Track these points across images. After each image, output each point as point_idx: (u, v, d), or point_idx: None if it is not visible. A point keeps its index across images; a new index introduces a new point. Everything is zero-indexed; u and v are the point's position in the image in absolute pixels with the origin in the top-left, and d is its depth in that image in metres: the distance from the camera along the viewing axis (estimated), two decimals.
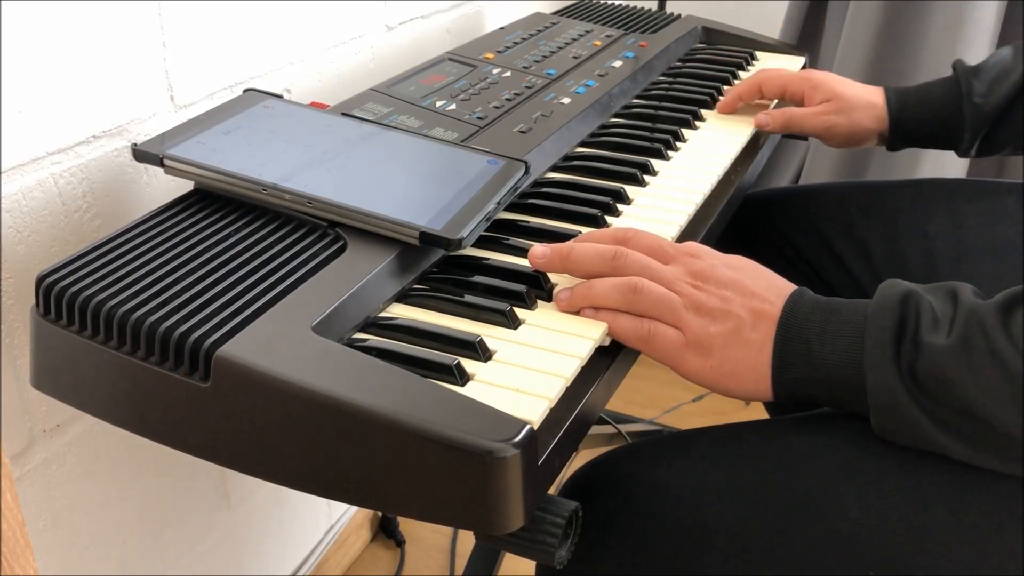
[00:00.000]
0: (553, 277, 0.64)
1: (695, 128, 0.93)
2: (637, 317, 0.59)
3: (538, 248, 0.63)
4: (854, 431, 0.62)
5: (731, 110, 0.97)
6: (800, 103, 0.96)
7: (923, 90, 0.92)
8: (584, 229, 0.70)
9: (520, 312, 0.59)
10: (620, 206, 0.75)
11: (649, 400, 1.69)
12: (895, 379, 0.54)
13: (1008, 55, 0.90)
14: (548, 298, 0.62)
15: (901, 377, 0.54)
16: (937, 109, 0.91)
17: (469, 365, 0.54)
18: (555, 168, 0.82)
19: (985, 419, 0.52)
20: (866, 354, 0.55)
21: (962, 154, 0.93)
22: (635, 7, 1.26)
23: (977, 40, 1.45)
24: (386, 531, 1.39)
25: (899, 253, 0.90)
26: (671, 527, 0.60)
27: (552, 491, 0.53)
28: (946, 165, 1.57)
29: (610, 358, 0.58)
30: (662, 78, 1.07)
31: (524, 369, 0.54)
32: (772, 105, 0.99)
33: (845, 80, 0.95)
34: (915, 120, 0.92)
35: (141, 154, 0.66)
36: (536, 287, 0.62)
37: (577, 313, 0.60)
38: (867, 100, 0.92)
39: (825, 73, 0.95)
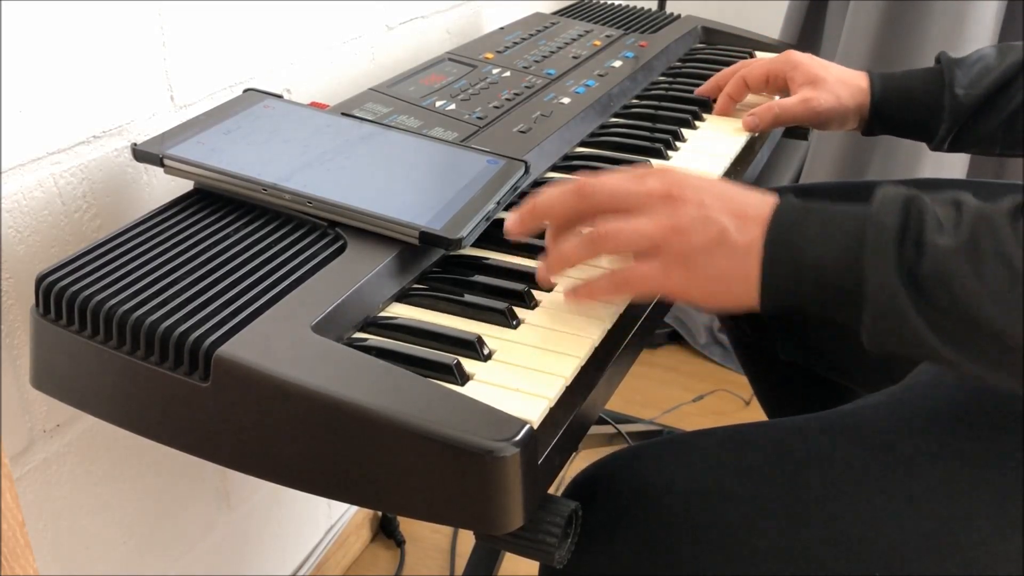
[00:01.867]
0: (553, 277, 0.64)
1: (695, 128, 0.93)
2: (608, 274, 0.57)
3: (508, 218, 0.61)
4: (856, 433, 0.63)
5: (728, 111, 0.97)
6: (784, 87, 0.95)
7: (906, 76, 0.92)
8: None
9: (520, 312, 0.59)
10: None
11: (649, 400, 1.69)
12: (896, 280, 0.50)
13: (991, 53, 0.90)
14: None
15: (902, 278, 0.50)
16: (918, 96, 0.90)
17: (469, 365, 0.54)
18: (555, 168, 0.82)
19: (987, 324, 0.49)
20: (866, 255, 0.51)
21: (934, 147, 0.92)
22: (635, 7, 1.26)
23: (977, 40, 1.45)
24: (386, 531, 1.39)
25: None
26: (673, 529, 0.60)
27: (553, 492, 0.53)
28: (945, 166, 1.57)
29: (610, 358, 0.58)
30: (662, 78, 1.07)
31: (524, 369, 0.54)
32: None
33: (827, 63, 0.94)
34: (896, 105, 0.91)
35: (141, 154, 0.66)
36: (537, 286, 0.62)
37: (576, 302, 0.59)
38: (851, 81, 0.91)
39: (805, 55, 0.94)
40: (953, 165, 1.58)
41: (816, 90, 0.90)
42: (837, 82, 0.91)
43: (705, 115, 0.96)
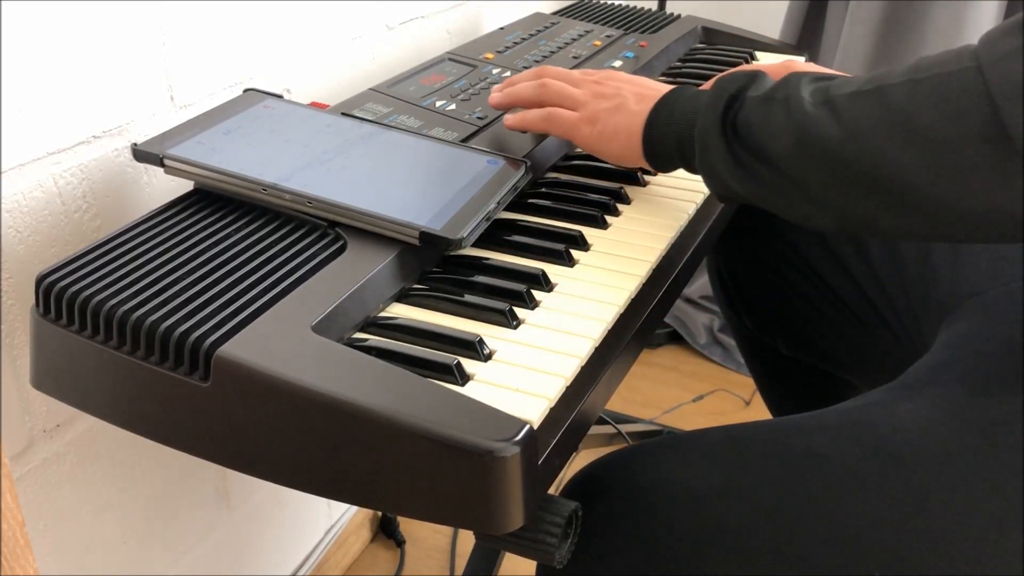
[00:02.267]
0: (554, 279, 0.64)
1: None
2: (541, 111, 0.75)
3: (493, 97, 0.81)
4: (855, 432, 0.63)
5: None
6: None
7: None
8: (584, 228, 0.70)
9: (520, 311, 0.59)
10: (620, 205, 0.75)
11: (649, 400, 1.69)
12: (715, 124, 0.64)
13: None
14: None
15: (722, 124, 0.63)
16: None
17: (469, 365, 0.54)
18: (555, 168, 0.82)
19: (771, 157, 0.60)
20: (701, 107, 0.66)
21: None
22: (635, 7, 1.26)
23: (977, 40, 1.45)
24: (386, 531, 1.39)
25: (897, 253, 0.90)
26: (674, 529, 0.60)
27: (553, 492, 0.53)
28: None
29: (610, 358, 0.58)
30: (662, 78, 1.07)
31: (524, 369, 0.54)
32: None
33: (827, 72, 0.94)
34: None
35: (141, 154, 0.66)
36: (537, 286, 0.62)
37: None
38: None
39: (806, 65, 0.94)
40: None
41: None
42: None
43: None
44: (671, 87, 0.72)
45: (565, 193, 0.76)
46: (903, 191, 0.56)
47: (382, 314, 0.59)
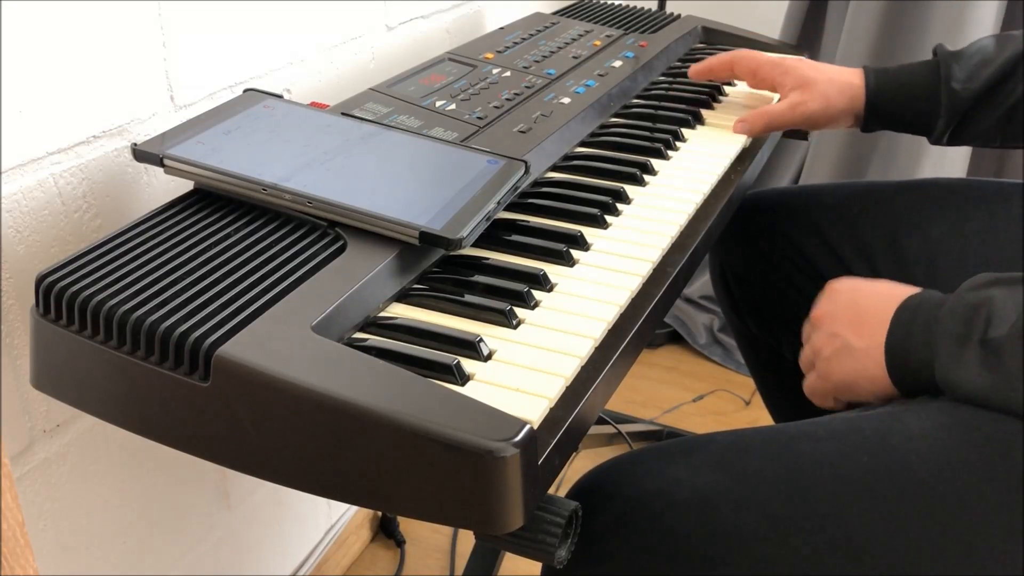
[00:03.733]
0: (554, 278, 0.64)
1: (695, 128, 0.93)
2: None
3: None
4: (860, 438, 0.62)
5: (702, 78, 0.99)
6: (772, 89, 0.95)
7: (902, 71, 0.91)
8: (584, 229, 0.70)
9: (520, 311, 0.59)
10: (620, 205, 0.75)
11: (649, 400, 1.69)
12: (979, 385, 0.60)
13: (990, 44, 0.89)
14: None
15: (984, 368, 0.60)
16: (915, 91, 0.90)
17: (469, 365, 0.54)
18: (555, 168, 0.82)
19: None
20: (937, 358, 0.62)
21: (934, 141, 0.92)
22: (635, 7, 1.26)
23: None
24: (386, 531, 1.39)
25: (901, 254, 0.90)
26: (680, 535, 0.60)
27: (552, 491, 0.53)
28: (946, 166, 1.57)
29: (610, 358, 0.58)
30: (662, 78, 1.07)
31: (524, 369, 0.54)
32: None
33: (818, 64, 0.93)
34: (892, 101, 0.91)
35: (141, 154, 0.66)
36: (537, 286, 0.62)
37: None
38: (843, 80, 0.91)
39: (798, 59, 0.94)
40: (954, 163, 1.58)
41: (804, 93, 0.90)
42: (827, 82, 0.91)
43: (706, 115, 0.96)
44: (891, 303, 0.68)
45: (565, 193, 0.76)
46: None
47: (382, 314, 0.59)
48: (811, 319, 0.75)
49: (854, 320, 0.69)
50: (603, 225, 0.72)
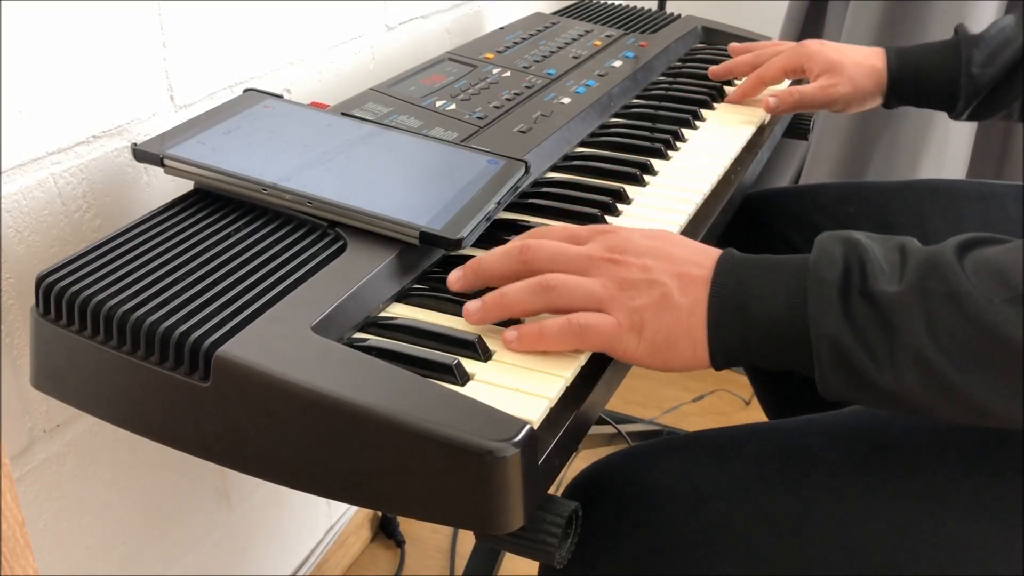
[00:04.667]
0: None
1: (695, 128, 0.93)
2: (564, 317, 0.55)
3: (453, 274, 0.59)
4: (858, 434, 0.62)
5: (740, 102, 1.00)
6: (801, 75, 0.98)
7: (923, 53, 0.93)
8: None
9: None
10: (620, 206, 0.75)
11: (649, 400, 1.69)
12: (840, 330, 0.50)
13: (1010, 24, 0.90)
14: None
15: (847, 328, 0.50)
16: (935, 74, 0.92)
17: (469, 365, 0.53)
18: (555, 168, 0.82)
19: (936, 365, 0.48)
20: (810, 308, 0.51)
21: (955, 117, 0.94)
22: (635, 7, 1.26)
23: None
24: (386, 531, 1.39)
25: None
26: (676, 531, 0.60)
27: (553, 492, 0.53)
28: (946, 167, 1.57)
29: (610, 358, 0.58)
30: (662, 78, 1.07)
31: (524, 369, 0.54)
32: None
33: (841, 46, 0.96)
34: (913, 83, 0.93)
35: (141, 154, 0.66)
36: None
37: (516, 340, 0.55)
38: (868, 64, 0.93)
39: (819, 42, 0.96)
40: (954, 163, 1.58)
41: (834, 77, 0.93)
42: (854, 66, 0.93)
43: (706, 115, 0.96)
44: (713, 253, 0.57)
45: (565, 193, 0.76)
46: None
47: (382, 314, 0.59)
48: (598, 238, 0.58)
49: (677, 270, 0.56)
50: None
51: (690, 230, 0.74)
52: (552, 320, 0.55)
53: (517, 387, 0.52)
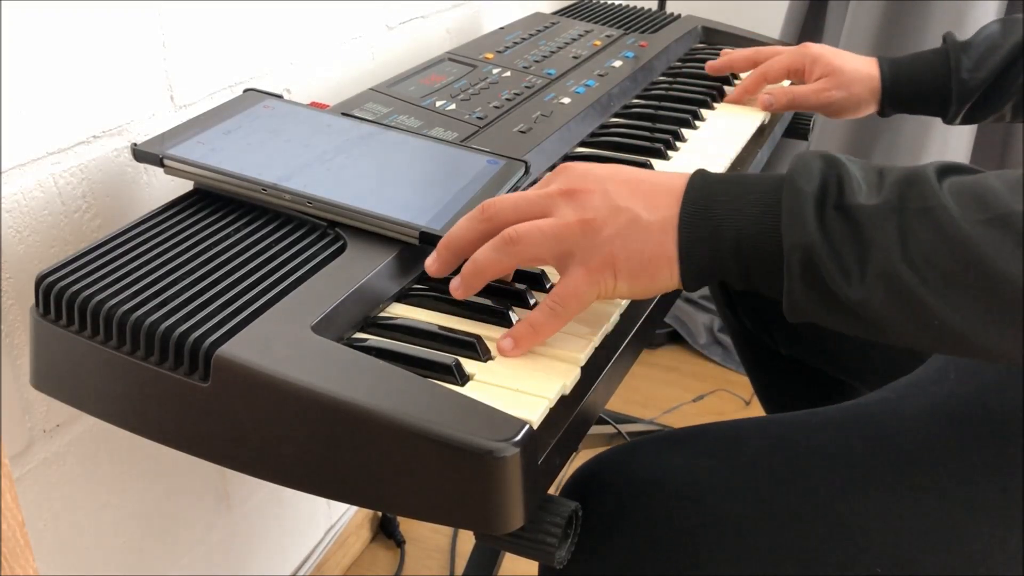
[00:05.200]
0: (554, 279, 0.64)
1: (695, 128, 0.93)
2: (543, 303, 0.54)
3: (429, 259, 0.59)
4: (858, 428, 0.62)
5: (740, 101, 1.00)
6: (801, 77, 0.99)
7: (913, 62, 0.95)
8: None
9: (520, 312, 0.59)
10: None
11: (649, 400, 1.69)
12: (813, 243, 0.48)
13: (996, 30, 0.93)
14: None
15: (820, 241, 0.48)
16: (926, 82, 0.94)
17: (469, 365, 0.53)
18: (555, 168, 0.82)
19: (907, 282, 0.47)
20: (783, 217, 0.50)
21: (949, 122, 0.96)
22: (635, 7, 1.26)
23: None
24: (386, 531, 1.39)
25: None
26: (675, 525, 0.60)
27: (553, 490, 0.53)
28: None
29: (610, 358, 0.58)
30: (662, 78, 1.07)
31: (524, 369, 0.54)
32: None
33: (841, 52, 0.97)
34: (905, 91, 0.95)
35: (141, 154, 0.66)
36: (536, 287, 0.62)
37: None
38: (864, 72, 0.95)
39: (821, 46, 0.98)
40: (954, 160, 1.58)
41: (831, 81, 0.95)
42: (852, 72, 0.95)
43: (706, 114, 0.96)
44: (682, 174, 0.55)
45: None
46: None
47: (382, 314, 0.59)
48: (555, 179, 0.57)
49: (642, 191, 0.54)
50: None
51: None
52: (535, 311, 0.55)
53: (517, 387, 0.52)
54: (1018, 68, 0.90)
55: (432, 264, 0.58)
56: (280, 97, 0.77)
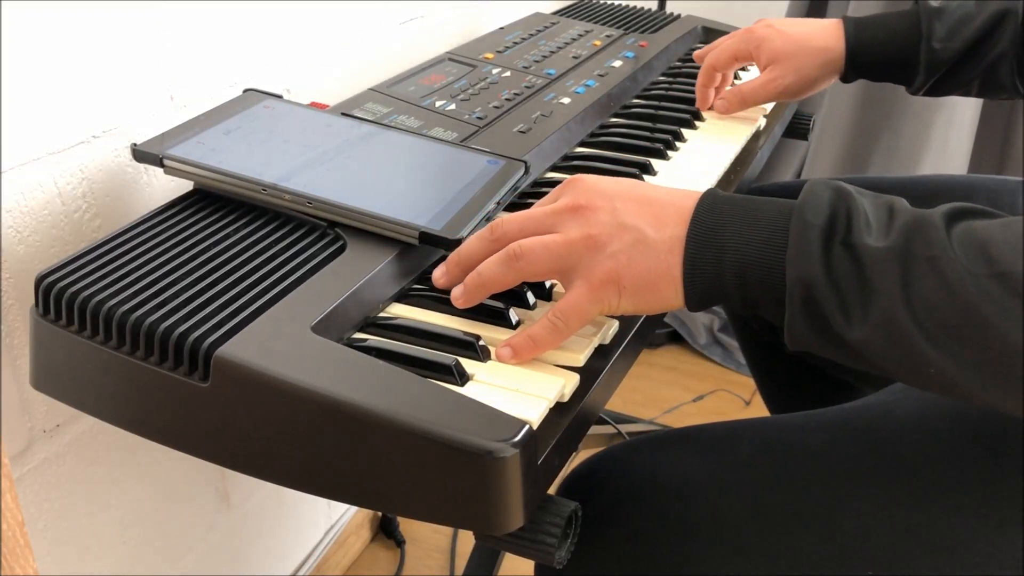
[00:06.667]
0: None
1: (695, 128, 0.93)
2: (545, 316, 0.55)
3: (437, 271, 0.60)
4: (856, 430, 0.62)
5: (708, 101, 0.96)
6: (749, 60, 0.94)
7: (883, 25, 0.89)
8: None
9: (519, 312, 0.59)
10: None
11: (649, 400, 1.69)
12: (816, 279, 0.48)
13: (971, 1, 0.88)
14: (548, 298, 0.62)
15: (824, 278, 0.48)
16: (894, 47, 0.88)
17: (469, 365, 0.53)
18: (555, 168, 0.82)
19: (905, 330, 0.47)
20: (789, 249, 0.50)
21: (913, 92, 0.91)
22: (635, 7, 1.26)
23: None
24: (386, 531, 1.39)
25: None
26: (669, 524, 0.60)
27: (552, 490, 0.53)
28: (947, 163, 1.57)
29: (610, 358, 0.58)
30: (662, 78, 1.07)
31: (523, 369, 0.54)
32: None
33: (791, 31, 0.91)
34: (871, 55, 0.89)
35: (141, 154, 0.66)
36: (536, 287, 0.62)
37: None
38: (816, 46, 0.89)
39: (768, 24, 0.92)
40: (955, 160, 1.58)
41: (777, 69, 0.90)
42: (800, 53, 0.89)
43: (706, 115, 0.96)
44: (693, 193, 0.55)
45: None
46: None
47: (382, 314, 0.59)
48: (565, 193, 0.57)
49: (650, 210, 0.54)
50: None
51: None
52: (536, 324, 0.55)
53: (516, 387, 0.52)
54: (992, 41, 0.85)
55: (441, 277, 0.59)
56: (280, 97, 0.77)
